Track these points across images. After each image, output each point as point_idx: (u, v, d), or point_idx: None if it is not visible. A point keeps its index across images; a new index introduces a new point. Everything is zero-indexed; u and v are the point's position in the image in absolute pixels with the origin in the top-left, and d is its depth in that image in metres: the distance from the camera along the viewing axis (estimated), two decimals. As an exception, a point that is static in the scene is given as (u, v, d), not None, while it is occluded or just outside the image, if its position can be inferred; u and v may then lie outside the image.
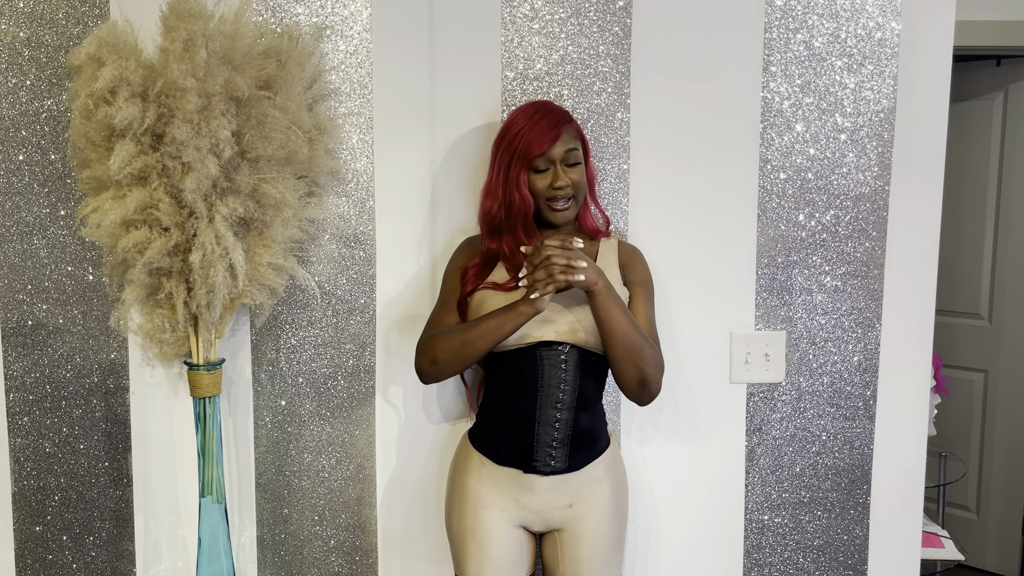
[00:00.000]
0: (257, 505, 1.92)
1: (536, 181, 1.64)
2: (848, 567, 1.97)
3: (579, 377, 1.63)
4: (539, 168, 1.63)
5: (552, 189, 1.63)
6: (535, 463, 1.64)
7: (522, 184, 1.63)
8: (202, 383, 1.73)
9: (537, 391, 1.62)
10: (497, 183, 1.66)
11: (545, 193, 1.64)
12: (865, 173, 1.87)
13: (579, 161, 1.65)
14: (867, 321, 1.91)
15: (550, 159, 1.63)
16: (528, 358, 1.62)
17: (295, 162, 1.70)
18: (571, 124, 1.66)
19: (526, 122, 1.63)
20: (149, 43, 1.67)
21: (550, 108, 1.66)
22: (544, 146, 1.61)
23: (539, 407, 1.62)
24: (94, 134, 1.61)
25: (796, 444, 1.94)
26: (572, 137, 1.65)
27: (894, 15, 1.84)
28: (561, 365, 1.62)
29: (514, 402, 1.64)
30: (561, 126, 1.63)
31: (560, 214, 1.66)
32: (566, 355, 1.62)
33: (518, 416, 1.63)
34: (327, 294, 1.86)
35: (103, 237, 1.65)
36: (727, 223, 1.88)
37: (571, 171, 1.64)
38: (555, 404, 1.62)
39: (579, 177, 1.65)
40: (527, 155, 1.62)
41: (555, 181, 1.63)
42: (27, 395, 1.86)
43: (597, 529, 1.67)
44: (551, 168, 1.63)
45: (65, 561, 1.91)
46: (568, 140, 1.64)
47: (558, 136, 1.62)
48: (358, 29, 1.81)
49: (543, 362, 1.62)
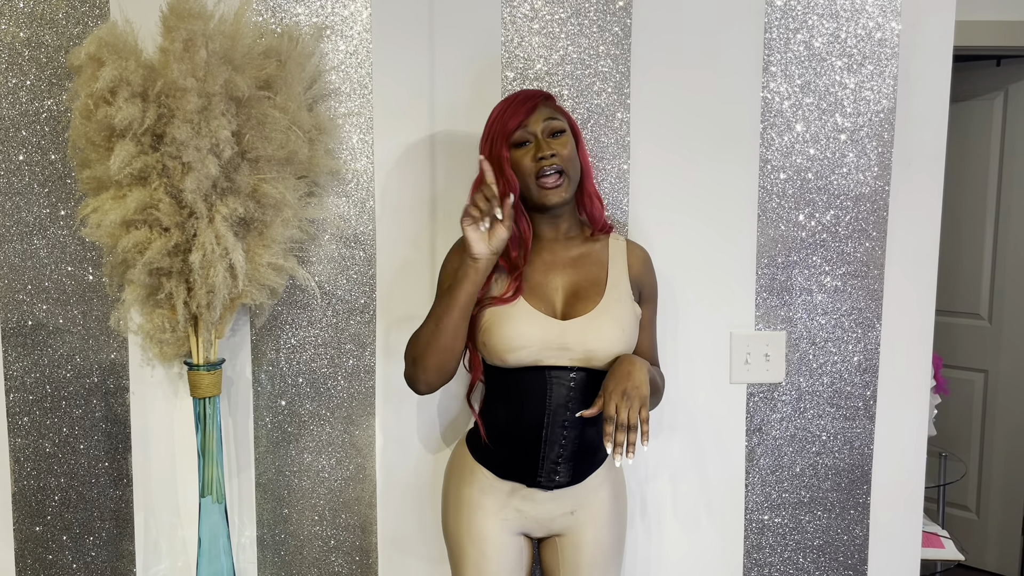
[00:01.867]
0: (257, 505, 1.92)
1: (520, 158, 1.56)
2: (848, 567, 1.97)
3: (587, 396, 1.58)
4: (520, 142, 1.56)
5: (536, 161, 1.55)
6: (539, 479, 1.61)
7: (504, 163, 1.55)
8: (202, 383, 1.73)
9: (545, 410, 1.58)
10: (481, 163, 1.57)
11: (531, 168, 1.55)
12: (865, 173, 1.87)
13: (563, 130, 1.58)
14: (867, 321, 1.91)
15: (530, 131, 1.56)
16: (537, 377, 1.58)
17: (295, 162, 1.70)
18: (549, 100, 1.61)
19: (504, 106, 1.58)
20: (149, 43, 1.66)
21: (526, 91, 1.61)
22: (520, 116, 1.55)
23: (547, 426, 1.58)
24: (94, 134, 1.61)
25: (796, 444, 1.94)
26: (551, 109, 1.60)
27: (894, 15, 1.84)
28: (570, 383, 1.58)
29: (520, 419, 1.60)
30: (535, 99, 1.57)
31: (551, 192, 1.56)
32: (575, 374, 1.58)
33: (524, 433, 1.60)
34: (327, 294, 1.86)
35: (103, 237, 1.65)
36: (727, 223, 1.88)
37: (554, 142, 1.57)
38: (562, 423, 1.58)
39: (566, 150, 1.57)
40: (504, 130, 1.55)
41: (539, 151, 1.55)
42: (27, 395, 1.86)
43: (597, 535, 1.66)
44: (533, 140, 1.57)
45: (65, 561, 1.91)
46: (546, 111, 1.58)
47: (534, 107, 1.56)
48: (358, 29, 1.81)
49: (552, 382, 1.58)
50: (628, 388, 1.46)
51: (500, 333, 1.56)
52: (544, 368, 1.58)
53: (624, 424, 1.44)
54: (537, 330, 1.56)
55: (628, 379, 1.48)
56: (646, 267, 1.70)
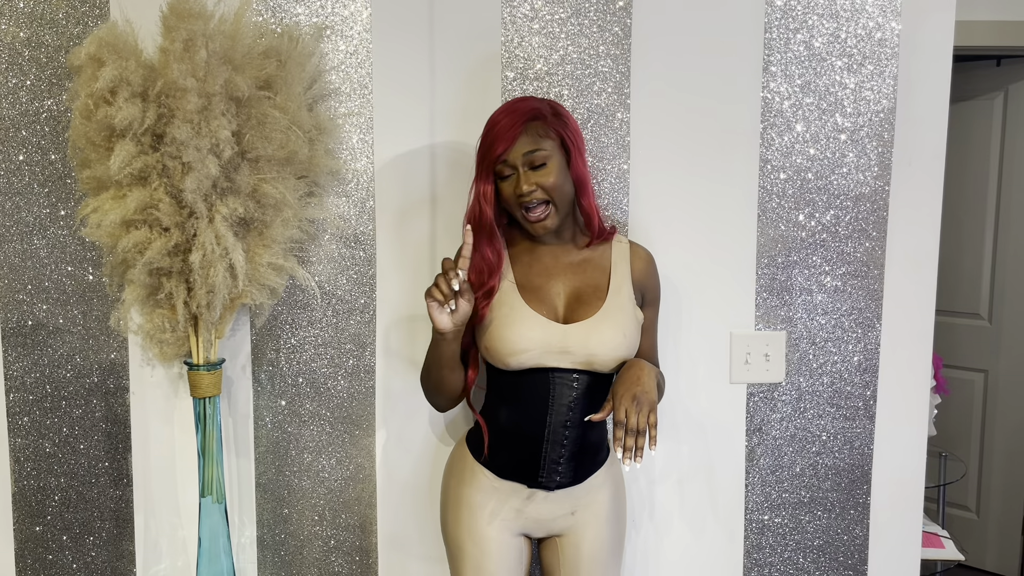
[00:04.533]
0: (257, 505, 1.92)
1: (504, 188, 1.55)
2: (848, 567, 1.97)
3: (590, 397, 1.59)
4: (504, 175, 1.54)
5: (517, 196, 1.53)
6: (541, 479, 1.61)
7: (481, 196, 1.55)
8: (202, 383, 1.73)
9: (547, 411, 1.58)
10: (470, 192, 1.60)
11: (515, 201, 1.55)
12: (865, 173, 1.87)
13: (544, 162, 1.52)
14: (867, 321, 1.91)
15: (510, 165, 1.53)
16: (539, 379, 1.58)
17: (295, 162, 1.70)
18: (537, 122, 1.53)
19: (492, 124, 1.54)
20: (149, 43, 1.66)
21: (515, 107, 1.54)
22: (499, 149, 1.51)
23: (548, 426, 1.59)
24: (94, 134, 1.61)
25: (796, 444, 1.94)
26: (536, 137, 1.53)
27: (894, 15, 1.84)
28: (573, 384, 1.58)
29: (522, 420, 1.60)
30: (518, 127, 1.51)
31: (537, 224, 1.56)
32: (578, 376, 1.58)
33: (525, 434, 1.60)
34: (327, 294, 1.86)
35: (103, 237, 1.65)
36: (727, 223, 1.88)
37: (535, 174, 1.52)
38: (564, 424, 1.59)
39: (550, 179, 1.52)
40: (486, 159, 1.54)
41: (517, 187, 1.52)
42: (27, 395, 1.86)
43: (598, 535, 1.66)
44: (514, 174, 1.54)
45: (65, 561, 1.91)
46: (529, 141, 1.52)
47: (515, 137, 1.51)
48: (358, 29, 1.81)
49: (555, 384, 1.58)
50: (638, 393, 1.47)
51: (502, 336, 1.56)
52: (547, 369, 1.58)
53: (634, 429, 1.44)
54: (538, 333, 1.56)
55: (638, 384, 1.48)
56: (649, 270, 1.69)
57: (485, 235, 1.58)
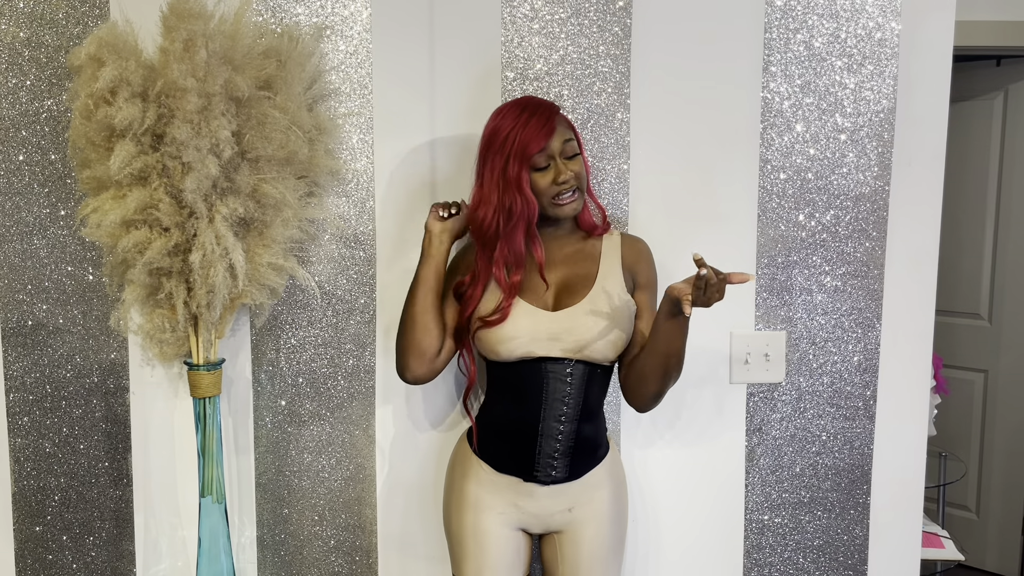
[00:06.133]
0: (257, 505, 1.92)
1: (538, 180, 1.57)
2: (848, 567, 1.97)
3: (584, 389, 1.61)
4: (539, 166, 1.57)
5: (556, 185, 1.57)
6: (536, 473, 1.63)
7: (524, 184, 1.56)
8: (202, 383, 1.73)
9: (541, 403, 1.60)
10: (491, 190, 1.57)
11: (550, 191, 1.58)
12: (865, 173, 1.87)
13: (577, 152, 1.60)
14: (867, 321, 1.91)
15: (549, 154, 1.57)
16: (533, 371, 1.60)
17: (295, 162, 1.70)
18: (560, 116, 1.61)
19: (514, 122, 1.56)
20: (149, 43, 1.66)
21: (537, 103, 1.59)
22: (542, 142, 1.55)
23: (542, 419, 1.60)
24: (94, 134, 1.61)
25: (796, 444, 1.94)
26: (566, 128, 1.60)
27: (894, 15, 1.84)
28: (566, 379, 1.59)
29: (516, 413, 1.62)
30: (553, 119, 1.57)
31: (568, 207, 1.60)
32: (572, 368, 1.59)
33: (520, 427, 1.62)
34: (327, 294, 1.86)
35: (103, 237, 1.65)
36: (727, 223, 1.88)
37: (571, 163, 1.59)
38: (559, 417, 1.60)
39: (580, 168, 1.60)
40: (524, 154, 1.55)
41: (558, 176, 1.57)
42: (27, 395, 1.86)
43: (597, 533, 1.66)
44: (552, 164, 1.58)
45: (65, 561, 1.91)
46: (563, 132, 1.59)
47: (553, 130, 1.56)
48: (358, 29, 1.81)
49: (548, 375, 1.59)
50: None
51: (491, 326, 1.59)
52: (541, 361, 1.59)
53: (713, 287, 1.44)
54: (525, 321, 1.59)
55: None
56: (639, 255, 1.71)
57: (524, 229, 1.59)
